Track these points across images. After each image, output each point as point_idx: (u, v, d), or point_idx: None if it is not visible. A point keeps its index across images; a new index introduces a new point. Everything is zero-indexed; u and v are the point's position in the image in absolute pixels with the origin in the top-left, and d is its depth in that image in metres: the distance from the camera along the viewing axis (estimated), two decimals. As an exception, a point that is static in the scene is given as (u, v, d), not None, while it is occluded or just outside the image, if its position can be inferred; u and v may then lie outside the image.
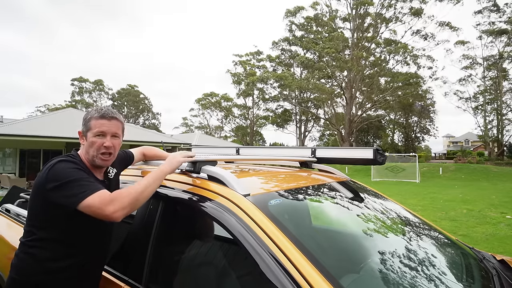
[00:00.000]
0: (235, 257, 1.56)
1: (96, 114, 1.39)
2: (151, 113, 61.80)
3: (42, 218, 1.31)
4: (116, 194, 1.22)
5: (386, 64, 33.69)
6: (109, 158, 1.41)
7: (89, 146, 1.37)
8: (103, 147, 1.37)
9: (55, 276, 1.32)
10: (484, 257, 1.79)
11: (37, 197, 1.31)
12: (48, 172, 1.25)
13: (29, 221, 1.36)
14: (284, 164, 2.52)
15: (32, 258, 1.31)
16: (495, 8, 33.30)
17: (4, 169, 15.55)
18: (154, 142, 16.96)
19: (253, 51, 43.25)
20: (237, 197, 1.34)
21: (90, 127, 1.38)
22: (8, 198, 2.81)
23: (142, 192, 1.27)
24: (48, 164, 1.29)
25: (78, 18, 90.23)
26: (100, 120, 1.38)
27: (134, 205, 1.25)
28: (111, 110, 1.43)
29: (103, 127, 1.38)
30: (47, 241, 1.31)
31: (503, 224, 7.03)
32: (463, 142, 61.68)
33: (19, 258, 1.35)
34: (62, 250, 1.32)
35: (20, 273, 1.33)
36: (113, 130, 1.41)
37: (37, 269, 1.30)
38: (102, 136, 1.38)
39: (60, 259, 1.32)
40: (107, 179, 1.49)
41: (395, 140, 52.03)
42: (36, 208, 1.33)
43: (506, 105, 35.76)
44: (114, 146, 1.41)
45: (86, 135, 1.39)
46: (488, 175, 22.92)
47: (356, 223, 1.75)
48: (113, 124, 1.41)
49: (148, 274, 1.44)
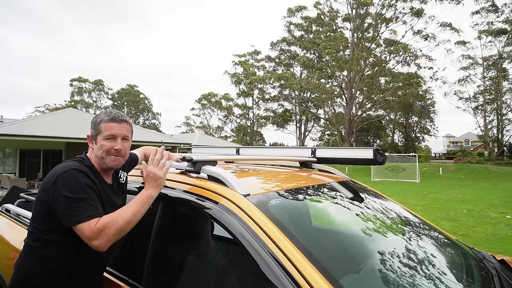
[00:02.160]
0: (235, 257, 1.56)
1: (106, 118, 1.39)
2: (151, 113, 61.83)
3: (46, 220, 1.30)
4: (103, 225, 1.21)
5: (386, 64, 33.69)
6: (120, 159, 1.41)
7: (99, 149, 1.37)
8: (114, 150, 1.37)
9: (59, 278, 1.32)
10: (484, 257, 1.79)
11: (41, 199, 1.30)
12: (56, 178, 1.25)
13: (33, 222, 1.36)
14: (284, 164, 2.52)
15: (36, 259, 1.31)
16: (493, 8, 33.31)
17: (4, 169, 15.56)
18: (154, 142, 16.96)
19: (250, 51, 43.27)
20: (237, 197, 1.34)
21: (100, 130, 1.38)
22: (8, 198, 2.81)
23: (129, 221, 1.26)
24: (58, 169, 1.29)
25: (78, 18, 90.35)
26: (110, 124, 1.38)
27: (119, 235, 1.25)
28: (120, 113, 1.43)
29: (113, 130, 1.38)
30: (51, 242, 1.30)
31: (503, 224, 7.03)
32: (463, 142, 61.68)
33: (22, 259, 1.34)
34: (66, 252, 1.32)
35: (24, 274, 1.32)
36: (124, 133, 1.41)
37: (41, 270, 1.30)
38: (112, 139, 1.38)
39: (64, 260, 1.32)
40: (117, 184, 1.49)
41: (395, 140, 52.01)
42: (40, 210, 1.32)
43: (506, 105, 35.78)
44: (125, 149, 1.42)
45: (96, 139, 1.39)
46: (488, 175, 22.93)
47: (356, 223, 1.75)
48: (123, 127, 1.41)
49: (148, 274, 1.44)
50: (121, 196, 1.50)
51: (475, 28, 34.85)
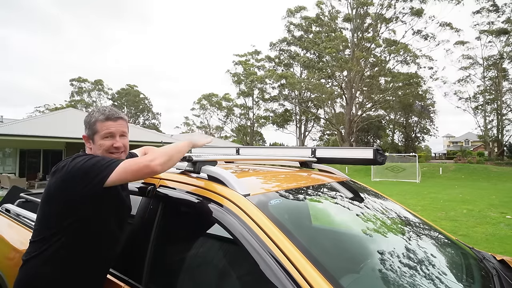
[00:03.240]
0: (235, 257, 1.55)
1: (101, 117, 1.37)
2: (151, 113, 61.79)
3: (54, 222, 1.27)
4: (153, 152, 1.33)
5: (386, 64, 33.69)
6: (121, 156, 1.41)
7: (99, 149, 1.36)
8: (113, 147, 1.37)
9: (65, 280, 1.30)
10: (484, 257, 1.79)
11: (52, 199, 1.28)
12: (69, 165, 1.24)
13: (39, 225, 1.33)
14: (284, 164, 2.52)
15: (42, 262, 1.29)
16: (493, 8, 33.31)
17: (4, 169, 15.56)
18: (154, 142, 16.96)
19: (251, 51, 43.29)
20: (237, 197, 1.34)
21: (96, 130, 1.37)
22: (8, 198, 2.81)
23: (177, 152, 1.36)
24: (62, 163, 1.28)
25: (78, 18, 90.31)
26: (106, 122, 1.37)
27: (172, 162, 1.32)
28: (114, 110, 1.42)
29: (111, 128, 1.37)
30: (57, 244, 1.28)
31: (503, 224, 7.03)
32: (463, 142, 61.67)
33: (27, 262, 1.32)
34: (73, 254, 1.30)
35: (29, 276, 1.30)
36: (121, 130, 1.41)
37: (47, 272, 1.28)
38: (111, 137, 1.37)
39: (70, 263, 1.30)
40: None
41: (395, 140, 52.04)
42: (48, 211, 1.29)
43: (506, 105, 35.77)
44: (124, 145, 1.42)
45: (93, 138, 1.38)
46: (488, 175, 22.93)
47: (356, 223, 1.75)
48: (120, 124, 1.41)
49: (148, 274, 1.44)
50: (125, 194, 1.49)
51: (475, 28, 34.86)
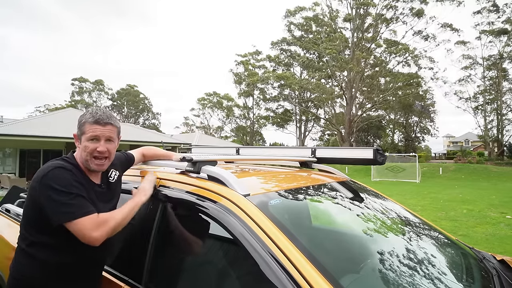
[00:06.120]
0: (235, 257, 1.55)
1: (91, 119, 1.34)
2: (151, 113, 61.80)
3: (37, 221, 1.29)
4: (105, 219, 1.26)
5: (386, 65, 33.68)
6: (104, 163, 1.38)
7: (83, 150, 1.35)
8: (97, 151, 1.34)
9: (54, 277, 1.31)
10: (484, 257, 1.79)
11: (30, 200, 1.30)
12: (43, 177, 1.24)
13: (24, 223, 1.35)
14: (284, 164, 2.51)
15: (30, 259, 1.30)
16: (494, 8, 33.32)
17: (4, 169, 15.56)
18: (154, 142, 16.96)
19: (252, 51, 43.31)
20: (237, 197, 1.34)
21: (84, 131, 1.35)
22: (8, 198, 2.81)
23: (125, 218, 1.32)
24: (43, 168, 1.28)
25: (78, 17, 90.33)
26: (94, 125, 1.34)
27: (115, 231, 1.28)
28: (106, 114, 1.37)
29: (96, 131, 1.34)
30: (43, 242, 1.30)
31: (503, 224, 7.02)
32: (463, 142, 61.64)
33: (16, 259, 1.35)
34: (59, 252, 1.31)
35: (19, 274, 1.32)
36: (107, 135, 1.37)
37: (36, 270, 1.30)
38: (96, 140, 1.34)
39: (58, 260, 1.31)
40: (105, 183, 1.47)
41: (395, 140, 52.02)
42: (29, 211, 1.32)
43: (506, 105, 35.79)
44: (109, 150, 1.38)
45: (80, 139, 1.37)
46: (488, 175, 22.92)
47: (356, 223, 1.75)
48: (108, 129, 1.37)
49: (148, 274, 1.44)
50: (110, 195, 1.47)
51: (476, 28, 34.88)
